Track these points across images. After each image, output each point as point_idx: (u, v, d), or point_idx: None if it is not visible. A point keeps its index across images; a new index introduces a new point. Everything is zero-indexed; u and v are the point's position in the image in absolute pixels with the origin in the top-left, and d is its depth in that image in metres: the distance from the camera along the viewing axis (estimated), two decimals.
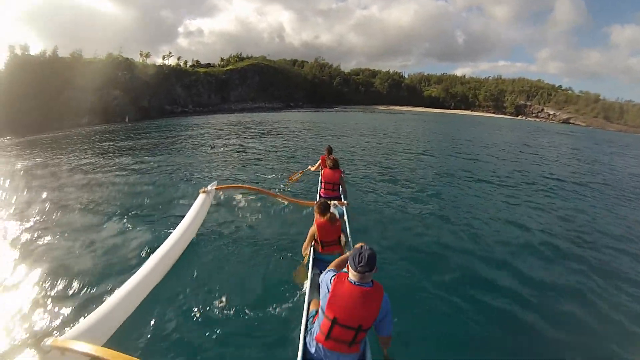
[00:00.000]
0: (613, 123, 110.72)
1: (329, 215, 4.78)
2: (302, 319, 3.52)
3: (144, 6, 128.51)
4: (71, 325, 3.97)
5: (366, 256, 2.72)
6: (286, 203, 8.09)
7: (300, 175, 10.28)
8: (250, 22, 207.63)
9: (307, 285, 4.37)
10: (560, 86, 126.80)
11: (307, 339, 3.11)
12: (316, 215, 4.91)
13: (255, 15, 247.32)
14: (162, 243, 5.36)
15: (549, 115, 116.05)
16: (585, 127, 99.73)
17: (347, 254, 3.36)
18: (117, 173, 12.01)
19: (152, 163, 13.53)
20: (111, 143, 20.75)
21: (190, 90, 61.38)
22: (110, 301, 3.93)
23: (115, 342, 3.60)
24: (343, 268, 3.39)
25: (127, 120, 43.01)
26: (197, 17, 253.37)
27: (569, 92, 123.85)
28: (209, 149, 16.33)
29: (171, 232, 5.76)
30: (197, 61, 74.87)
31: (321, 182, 7.79)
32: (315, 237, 4.87)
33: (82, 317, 3.87)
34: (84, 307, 4.48)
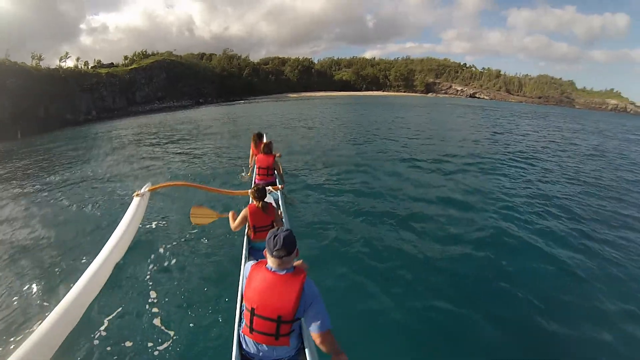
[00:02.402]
0: (514, 95, 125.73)
1: (261, 203, 4.93)
2: (235, 313, 3.57)
3: None
4: (2, 356, 4.00)
5: (281, 238, 2.63)
6: (223, 195, 8.26)
7: (250, 173, 9.92)
8: (157, 15, 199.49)
9: (240, 276, 4.33)
10: (465, 64, 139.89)
11: (241, 332, 3.03)
12: (251, 200, 5.16)
13: (163, 7, 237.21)
14: (98, 254, 5.42)
15: (457, 91, 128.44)
16: (489, 100, 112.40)
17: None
18: (28, 196, 11.08)
19: (66, 179, 12.79)
20: (8, 166, 17.53)
21: (92, 95, 58.18)
22: (44, 325, 3.84)
23: None
24: None
25: (19, 135, 39.10)
26: (100, 11, 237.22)
27: (474, 69, 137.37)
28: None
29: (105, 243, 5.80)
30: (99, 61, 71.04)
31: (255, 167, 8.11)
32: (248, 221, 5.01)
33: (14, 347, 3.89)
34: (16, 335, 4.42)
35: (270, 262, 2.73)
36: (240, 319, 3.22)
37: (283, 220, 5.68)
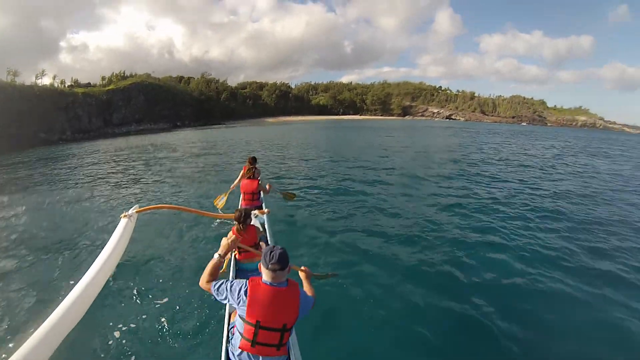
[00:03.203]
0: (488, 115, 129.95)
1: (239, 226, 5.07)
2: (223, 331, 3.72)
3: (20, 13, 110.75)
4: None
5: (277, 254, 2.90)
6: (213, 219, 8.44)
7: (225, 197, 10.09)
8: (138, 36, 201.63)
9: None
10: (440, 87, 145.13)
11: (230, 349, 3.23)
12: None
13: (144, 29, 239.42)
14: (83, 276, 5.30)
15: (433, 113, 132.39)
16: (465, 122, 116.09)
17: (215, 259, 3.52)
18: (8, 216, 10.64)
19: (43, 199, 12.53)
20: None
21: (67, 114, 57.38)
22: (23, 348, 3.79)
23: None
24: (216, 276, 3.48)
25: None
26: (81, 29, 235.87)
27: (449, 92, 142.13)
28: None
29: (92, 263, 5.69)
30: (76, 80, 71.31)
31: (241, 193, 8.23)
32: None
33: None
34: None
35: (265, 275, 2.95)
36: (228, 337, 3.49)
37: (268, 242, 5.86)
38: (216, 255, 3.53)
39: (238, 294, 3.00)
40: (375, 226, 9.27)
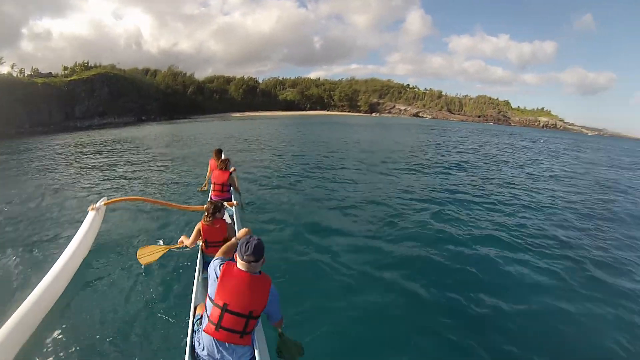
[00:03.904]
0: (455, 114, 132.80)
1: (210, 218, 5.16)
2: (188, 324, 3.73)
3: None
4: None
5: (253, 245, 2.97)
6: (182, 211, 8.39)
7: (205, 185, 10.65)
8: (105, 25, 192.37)
9: (194, 288, 4.51)
10: (408, 85, 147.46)
11: (195, 340, 3.30)
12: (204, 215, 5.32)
13: (111, 18, 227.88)
14: (49, 269, 5.30)
15: (400, 110, 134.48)
16: (432, 119, 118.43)
17: (234, 239, 3.84)
18: None
19: (6, 194, 11.85)
20: None
21: (26, 106, 53.56)
22: None
23: None
24: (231, 255, 3.58)
25: None
26: (45, 16, 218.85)
27: (417, 90, 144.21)
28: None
29: (59, 256, 5.69)
30: (37, 70, 66.12)
31: (211, 184, 8.27)
32: (201, 235, 5.22)
33: None
34: None
35: (240, 265, 3.04)
36: (193, 328, 3.50)
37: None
38: (234, 239, 3.88)
39: (214, 273, 3.14)
40: (345, 219, 9.66)
